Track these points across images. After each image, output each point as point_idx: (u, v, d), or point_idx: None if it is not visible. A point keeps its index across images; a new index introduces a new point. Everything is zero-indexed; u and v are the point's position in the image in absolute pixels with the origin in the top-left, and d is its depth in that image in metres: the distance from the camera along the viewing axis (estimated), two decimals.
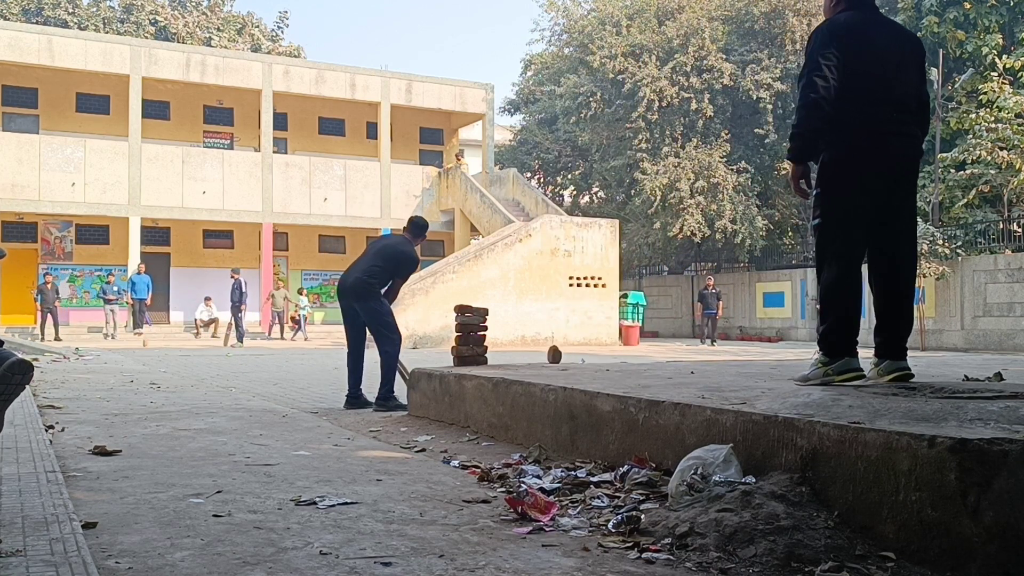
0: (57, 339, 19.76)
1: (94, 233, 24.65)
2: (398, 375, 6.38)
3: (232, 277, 19.80)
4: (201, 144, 25.77)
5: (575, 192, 33.16)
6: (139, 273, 21.38)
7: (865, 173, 3.44)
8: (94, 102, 24.85)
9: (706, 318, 21.46)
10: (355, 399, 6.40)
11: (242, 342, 19.15)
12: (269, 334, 23.04)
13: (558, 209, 24.59)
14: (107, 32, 33.32)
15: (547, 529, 2.66)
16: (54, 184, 22.22)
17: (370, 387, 6.47)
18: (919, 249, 17.44)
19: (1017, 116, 18.85)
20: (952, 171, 20.12)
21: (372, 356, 6.47)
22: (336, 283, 6.85)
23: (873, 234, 3.59)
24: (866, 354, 3.61)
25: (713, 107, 24.62)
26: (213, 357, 14.05)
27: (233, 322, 19.38)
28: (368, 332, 6.53)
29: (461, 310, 5.99)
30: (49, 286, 20.67)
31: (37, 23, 31.30)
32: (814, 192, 3.58)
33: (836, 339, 3.52)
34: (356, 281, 6.38)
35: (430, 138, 29.73)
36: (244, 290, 19.56)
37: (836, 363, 3.48)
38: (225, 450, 4.15)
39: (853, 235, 3.51)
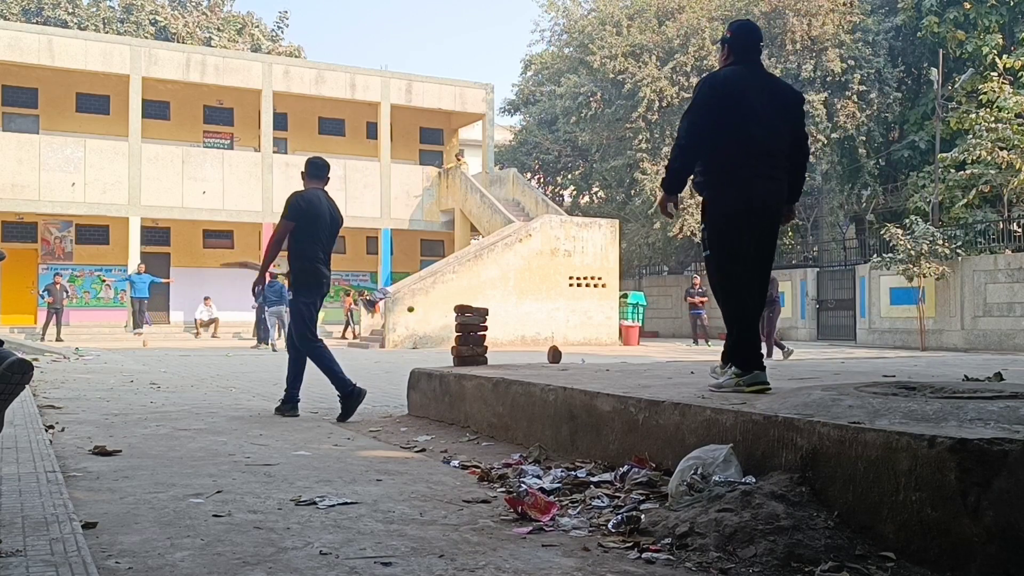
0: (59, 339, 19.76)
1: (94, 233, 24.64)
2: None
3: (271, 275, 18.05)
4: (201, 144, 25.75)
5: (575, 192, 33.14)
6: (138, 273, 21.36)
7: (738, 215, 3.78)
8: (94, 102, 24.83)
9: (693, 317, 20.69)
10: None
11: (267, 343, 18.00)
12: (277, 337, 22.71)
13: (558, 209, 24.58)
14: (107, 32, 33.30)
15: (547, 529, 2.66)
16: (54, 184, 22.20)
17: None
18: (920, 249, 17.64)
19: (1017, 116, 18.83)
20: (952, 171, 20.11)
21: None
22: (333, 281, 6.58)
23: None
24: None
25: None
26: (213, 357, 14.05)
27: (271, 322, 17.76)
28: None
29: (461, 310, 5.99)
30: (58, 286, 20.67)
31: (37, 23, 31.28)
32: (701, 226, 4.03)
33: (744, 355, 3.78)
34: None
35: (430, 138, 29.72)
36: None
37: (747, 376, 3.72)
38: (225, 450, 4.15)
39: (734, 267, 3.83)
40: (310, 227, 5.69)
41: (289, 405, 5.85)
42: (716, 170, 3.81)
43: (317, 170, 6.03)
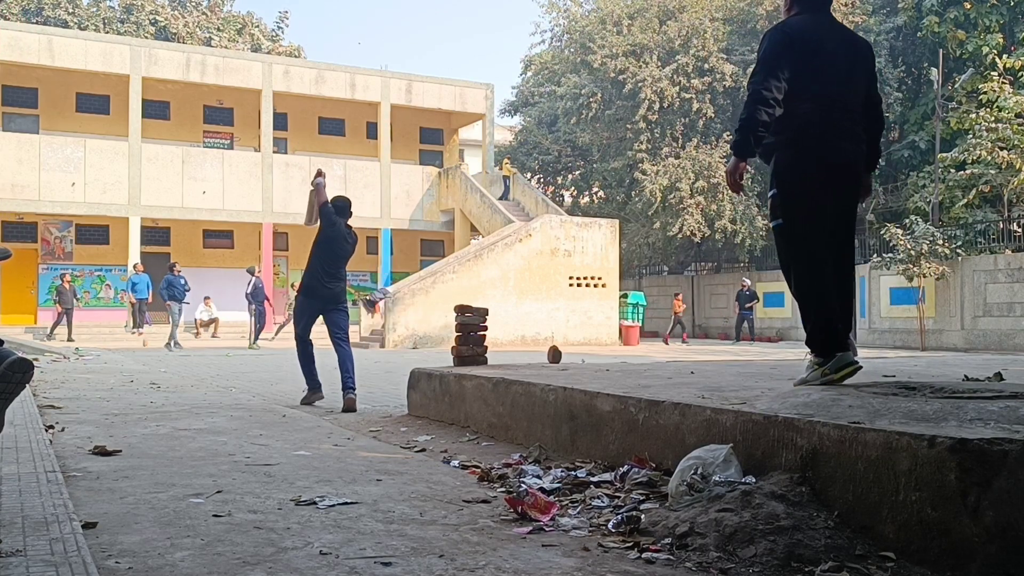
0: (70, 339, 19.65)
1: (94, 233, 24.65)
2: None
3: (255, 275, 18.94)
4: (201, 144, 25.75)
5: (575, 192, 33.13)
6: (137, 273, 21.32)
7: (819, 173, 3.47)
8: (94, 102, 24.83)
9: (742, 317, 22.74)
10: (317, 390, 6.76)
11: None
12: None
13: (558, 209, 24.58)
14: (107, 32, 33.30)
15: (547, 529, 2.66)
16: (54, 184, 22.21)
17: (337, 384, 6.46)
18: (920, 249, 17.62)
19: (1017, 116, 18.83)
20: (952, 171, 20.10)
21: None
22: (303, 283, 6.78)
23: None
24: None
25: (714, 107, 24.60)
26: (213, 357, 14.05)
27: (255, 322, 18.54)
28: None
29: (461, 310, 5.99)
30: (67, 286, 20.65)
31: (37, 23, 31.27)
32: (770, 193, 3.62)
33: (822, 338, 3.53)
34: (338, 290, 6.75)
35: (430, 138, 29.72)
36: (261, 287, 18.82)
37: (831, 361, 3.49)
38: (225, 450, 4.15)
39: (816, 233, 3.51)
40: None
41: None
42: (789, 127, 3.45)
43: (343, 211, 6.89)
